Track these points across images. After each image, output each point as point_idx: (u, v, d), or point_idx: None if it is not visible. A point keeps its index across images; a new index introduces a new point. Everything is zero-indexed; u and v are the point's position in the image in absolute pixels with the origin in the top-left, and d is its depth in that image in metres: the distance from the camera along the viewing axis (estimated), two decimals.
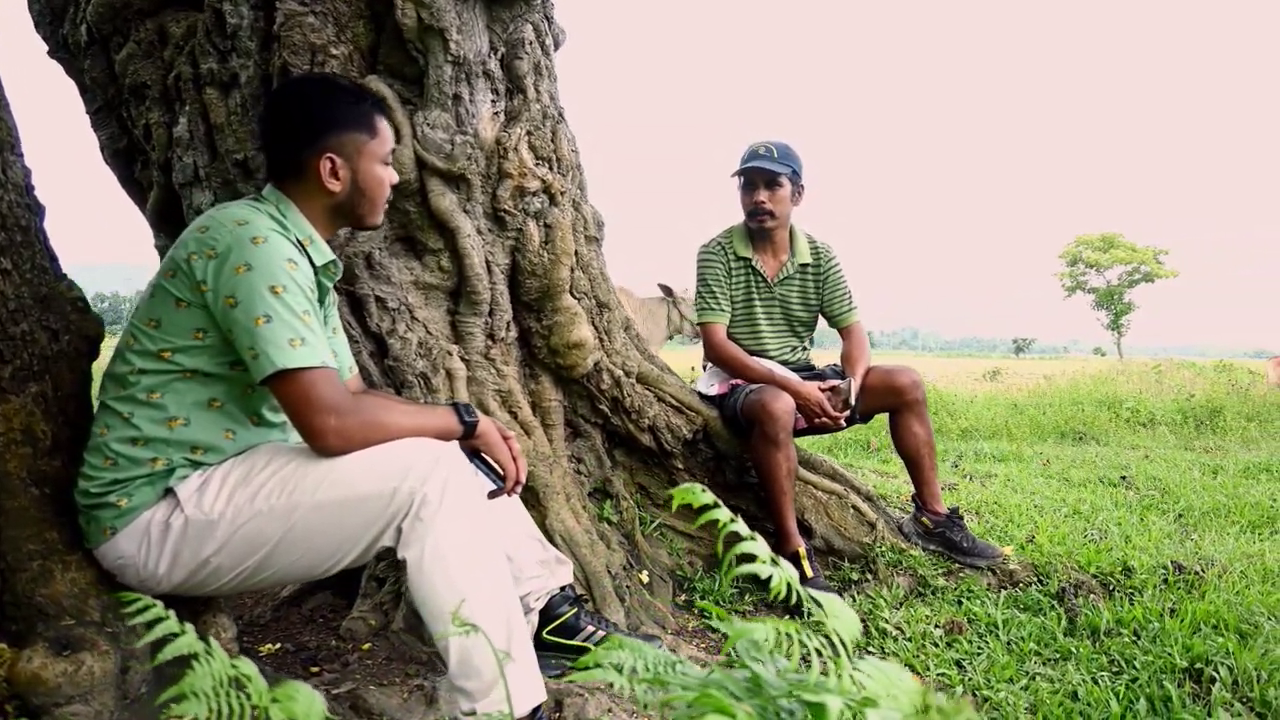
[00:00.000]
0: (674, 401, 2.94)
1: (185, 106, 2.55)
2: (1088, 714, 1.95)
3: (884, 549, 2.94)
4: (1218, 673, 2.09)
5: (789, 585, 1.00)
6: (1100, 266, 54.86)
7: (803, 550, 2.76)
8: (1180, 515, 3.77)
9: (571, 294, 2.72)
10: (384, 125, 1.82)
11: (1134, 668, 2.17)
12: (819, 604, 0.99)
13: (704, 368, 3.29)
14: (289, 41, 2.35)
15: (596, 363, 2.77)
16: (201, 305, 1.60)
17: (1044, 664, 2.25)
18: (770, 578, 1.02)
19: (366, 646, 2.41)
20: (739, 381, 3.05)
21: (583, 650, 2.27)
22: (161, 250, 3.05)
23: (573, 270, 2.71)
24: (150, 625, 0.98)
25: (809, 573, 2.72)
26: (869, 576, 2.86)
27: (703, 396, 3.08)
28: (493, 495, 1.82)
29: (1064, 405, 8.75)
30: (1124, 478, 4.76)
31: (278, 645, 2.40)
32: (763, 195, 3.07)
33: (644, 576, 2.71)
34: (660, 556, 2.89)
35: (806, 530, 2.97)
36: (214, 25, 2.46)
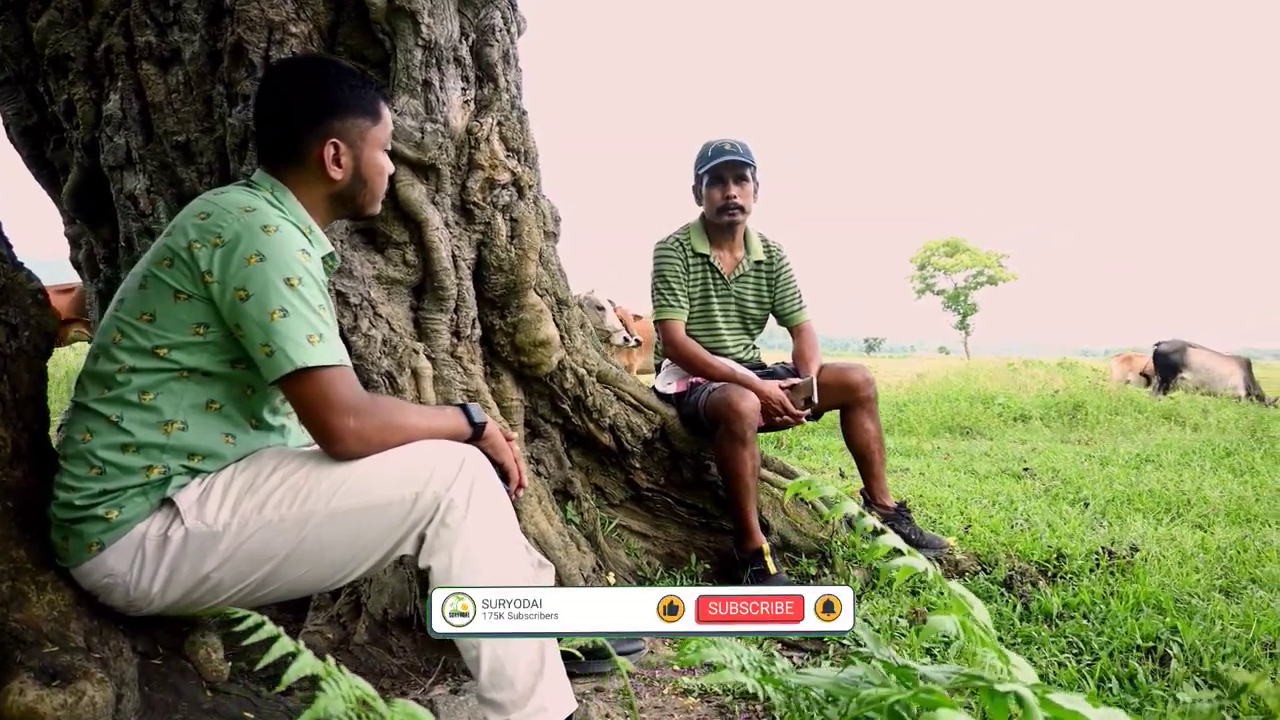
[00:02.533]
0: (633, 400, 2.91)
1: (117, 82, 2.34)
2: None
3: (839, 543, 3.00)
4: (1172, 650, 2.23)
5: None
6: (948, 270, 58.02)
7: (765, 547, 2.77)
8: (1087, 504, 4.01)
9: (536, 291, 2.65)
10: (386, 111, 1.72)
11: (1092, 649, 2.28)
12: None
13: (657, 368, 3.27)
14: (244, 17, 2.19)
15: (560, 361, 2.71)
16: (205, 298, 1.46)
17: (1009, 649, 2.34)
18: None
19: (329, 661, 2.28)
20: (698, 380, 3.04)
21: (570, 656, 2.21)
22: (73, 238, 2.79)
23: (537, 266, 2.64)
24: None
25: (772, 569, 2.73)
26: (826, 571, 2.90)
27: (660, 395, 3.05)
28: None
29: (941, 402, 9.16)
30: (1026, 469, 5.03)
31: (230, 664, 2.23)
32: (734, 190, 3.08)
33: (610, 578, 2.67)
34: (620, 557, 2.86)
35: (764, 527, 2.99)
36: None
